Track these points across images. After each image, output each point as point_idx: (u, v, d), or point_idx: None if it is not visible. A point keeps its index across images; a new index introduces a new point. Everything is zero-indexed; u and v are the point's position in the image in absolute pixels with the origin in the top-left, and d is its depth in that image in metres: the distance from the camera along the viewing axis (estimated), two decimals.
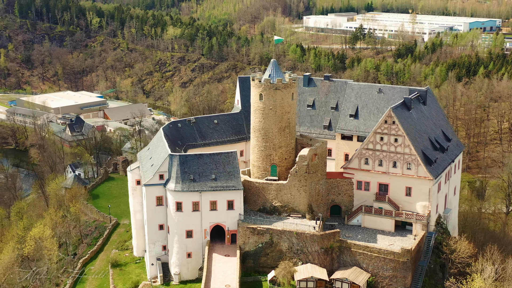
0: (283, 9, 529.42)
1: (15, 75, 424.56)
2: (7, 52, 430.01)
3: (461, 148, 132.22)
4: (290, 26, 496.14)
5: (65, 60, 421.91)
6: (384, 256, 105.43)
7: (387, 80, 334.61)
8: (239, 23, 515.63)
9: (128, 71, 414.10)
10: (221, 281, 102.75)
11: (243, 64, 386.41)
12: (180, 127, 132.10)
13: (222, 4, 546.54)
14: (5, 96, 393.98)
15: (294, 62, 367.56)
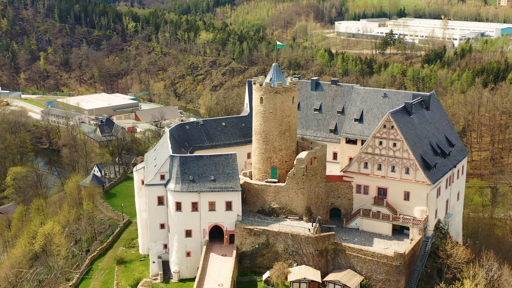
0: (316, 15, 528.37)
1: (54, 78, 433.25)
2: (46, 55, 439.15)
3: (465, 153, 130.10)
4: (322, 32, 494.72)
5: (101, 63, 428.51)
6: (378, 260, 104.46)
7: (413, 85, 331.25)
8: (272, 28, 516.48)
9: (161, 74, 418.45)
10: (214, 280, 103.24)
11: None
12: (188, 129, 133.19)
13: (256, 10, 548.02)
14: (43, 97, 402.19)
15: (322, 67, 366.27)
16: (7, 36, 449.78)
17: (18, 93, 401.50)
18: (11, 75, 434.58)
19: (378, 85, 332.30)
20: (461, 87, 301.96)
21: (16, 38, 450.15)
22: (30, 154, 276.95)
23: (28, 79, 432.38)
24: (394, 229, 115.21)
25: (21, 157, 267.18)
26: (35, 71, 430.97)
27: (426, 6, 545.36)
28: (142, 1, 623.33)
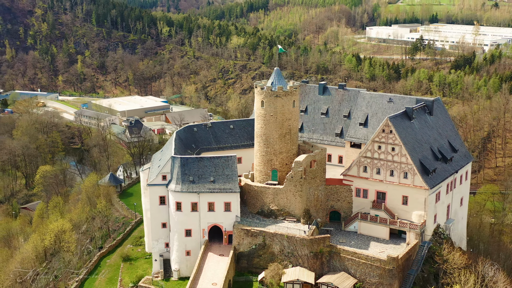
0: (347, 20, 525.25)
1: (90, 80, 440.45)
2: (84, 58, 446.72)
3: (469, 159, 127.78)
4: (353, 37, 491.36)
5: (136, 67, 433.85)
6: (371, 263, 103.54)
7: (439, 91, 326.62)
8: (304, 33, 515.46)
9: (193, 77, 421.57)
10: (209, 279, 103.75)
11: (300, 72, 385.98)
12: (196, 132, 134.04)
13: (289, 15, 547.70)
14: (79, 99, 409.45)
15: (349, 72, 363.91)
16: (47, 40, 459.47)
17: (56, 94, 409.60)
18: (50, 78, 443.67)
19: (404, 90, 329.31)
20: (487, 93, 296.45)
21: (55, 42, 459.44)
22: (61, 154, 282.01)
23: (66, 81, 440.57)
24: (393, 233, 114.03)
25: (52, 156, 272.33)
26: (72, 73, 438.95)
27: (458, 12, 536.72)
28: (178, 6, 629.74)
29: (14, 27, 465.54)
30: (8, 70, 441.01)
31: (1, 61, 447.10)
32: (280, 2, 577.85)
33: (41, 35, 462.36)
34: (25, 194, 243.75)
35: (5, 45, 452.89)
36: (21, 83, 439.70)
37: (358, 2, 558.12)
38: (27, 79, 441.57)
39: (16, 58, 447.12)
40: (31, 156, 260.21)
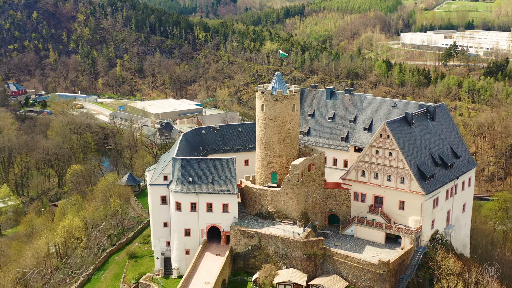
0: (382, 26, 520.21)
1: (129, 83, 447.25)
2: (123, 62, 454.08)
3: (472, 165, 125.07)
4: (387, 43, 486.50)
5: (172, 71, 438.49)
6: (362, 267, 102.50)
7: (468, 97, 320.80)
8: (338, 39, 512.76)
9: (227, 82, 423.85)
10: (202, 278, 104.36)
11: (331, 77, 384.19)
12: (204, 134, 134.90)
13: (324, 21, 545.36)
14: (117, 101, 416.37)
15: (378, 77, 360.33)
16: (88, 44, 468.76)
17: (94, 97, 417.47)
18: (91, 80, 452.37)
19: (433, 96, 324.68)
20: None
21: (96, 46, 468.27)
22: (94, 154, 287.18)
23: (105, 84, 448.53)
24: (390, 238, 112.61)
25: (84, 156, 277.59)
26: (111, 76, 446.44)
27: (495, 18, 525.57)
28: (216, 12, 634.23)
29: (57, 31, 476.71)
30: (51, 73, 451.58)
31: (45, 64, 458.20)
32: (316, 8, 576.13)
33: (83, 40, 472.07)
34: (56, 192, 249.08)
35: (49, 49, 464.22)
36: (63, 85, 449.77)
37: (394, 8, 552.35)
38: (69, 82, 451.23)
39: (59, 61, 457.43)
40: (64, 155, 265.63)
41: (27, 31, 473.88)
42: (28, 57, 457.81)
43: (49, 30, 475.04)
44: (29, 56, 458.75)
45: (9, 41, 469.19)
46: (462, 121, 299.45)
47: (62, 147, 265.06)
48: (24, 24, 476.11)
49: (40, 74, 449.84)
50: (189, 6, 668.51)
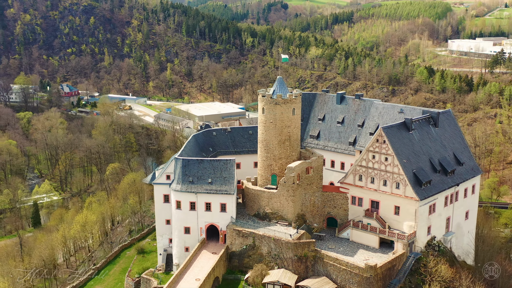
0: (430, 33, 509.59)
1: (178, 86, 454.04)
2: (173, 66, 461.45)
3: (476, 172, 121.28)
4: (434, 49, 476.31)
5: (219, 75, 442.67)
6: (350, 270, 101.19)
7: (509, 105, 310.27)
8: (386, 45, 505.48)
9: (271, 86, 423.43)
10: (194, 274, 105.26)
11: (372, 83, 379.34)
12: (215, 135, 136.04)
13: (372, 27, 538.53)
14: (165, 104, 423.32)
15: (419, 84, 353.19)
16: (141, 49, 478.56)
17: (144, 99, 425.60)
18: (142, 83, 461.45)
19: (474, 103, 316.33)
20: None
21: (148, 50, 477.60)
22: (135, 153, 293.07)
23: (156, 87, 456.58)
24: (386, 243, 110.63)
25: (125, 155, 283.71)
26: (162, 80, 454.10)
27: None
28: (267, 18, 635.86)
29: (112, 36, 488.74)
30: (106, 75, 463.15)
31: (100, 67, 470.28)
32: (364, 15, 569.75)
33: (136, 44, 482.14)
34: (96, 189, 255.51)
35: (104, 53, 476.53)
36: (116, 87, 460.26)
37: (443, 15, 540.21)
38: (122, 84, 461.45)
39: (113, 64, 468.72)
40: (106, 154, 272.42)
41: (85, 36, 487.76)
42: (84, 60, 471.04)
43: (105, 35, 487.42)
44: (86, 59, 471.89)
45: (67, 45, 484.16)
46: (501, 129, 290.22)
47: (104, 146, 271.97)
48: (82, 29, 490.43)
49: (95, 77, 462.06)
50: (241, 12, 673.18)
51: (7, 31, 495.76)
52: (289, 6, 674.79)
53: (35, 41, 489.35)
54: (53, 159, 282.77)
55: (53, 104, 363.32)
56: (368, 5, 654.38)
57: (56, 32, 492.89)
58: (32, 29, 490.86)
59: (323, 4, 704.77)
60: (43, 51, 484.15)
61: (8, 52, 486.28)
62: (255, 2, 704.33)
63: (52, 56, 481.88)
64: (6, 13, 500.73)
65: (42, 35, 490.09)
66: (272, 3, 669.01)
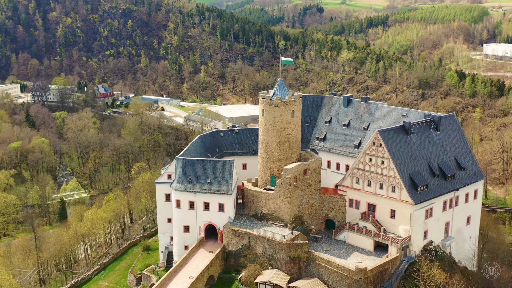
0: (465, 37, 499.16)
1: (211, 88, 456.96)
2: (207, 68, 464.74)
3: (479, 177, 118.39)
4: (468, 53, 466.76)
5: (252, 77, 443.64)
6: (341, 272, 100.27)
7: None
8: (420, 49, 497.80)
9: (303, 89, 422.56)
10: (189, 272, 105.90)
11: (402, 87, 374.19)
12: (222, 136, 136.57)
13: (407, 31, 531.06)
14: (198, 105, 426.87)
15: (449, 88, 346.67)
16: (176, 51, 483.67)
17: (177, 100, 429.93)
18: (177, 85, 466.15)
19: (504, 108, 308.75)
20: None
21: (183, 53, 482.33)
22: (163, 153, 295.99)
23: (190, 89, 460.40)
24: (382, 246, 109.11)
25: (153, 155, 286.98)
26: (196, 82, 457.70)
27: None
28: (303, 22, 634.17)
29: (149, 39, 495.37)
30: (142, 77, 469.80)
31: (137, 69, 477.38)
32: (399, 19, 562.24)
33: (171, 47, 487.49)
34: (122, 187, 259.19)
35: (140, 55, 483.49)
36: (152, 89, 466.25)
37: (479, 19, 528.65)
38: (157, 86, 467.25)
39: (149, 66, 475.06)
40: (134, 153, 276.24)
41: (123, 38, 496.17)
42: (122, 62, 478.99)
43: (142, 37, 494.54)
44: (123, 61, 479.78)
45: (106, 47, 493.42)
46: None
47: (132, 146, 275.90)
48: (120, 32, 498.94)
49: (132, 78, 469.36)
50: (276, 15, 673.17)
51: (49, 33, 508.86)
52: (325, 9, 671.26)
53: (75, 43, 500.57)
54: (83, 158, 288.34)
55: (88, 104, 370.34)
56: (404, 8, 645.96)
57: (96, 35, 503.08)
58: (72, 32, 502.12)
59: (359, 8, 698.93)
60: (83, 53, 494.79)
61: (49, 54, 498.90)
62: (291, 5, 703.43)
63: (91, 58, 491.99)
64: (48, 16, 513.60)
65: (82, 37, 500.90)
66: (308, 6, 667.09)
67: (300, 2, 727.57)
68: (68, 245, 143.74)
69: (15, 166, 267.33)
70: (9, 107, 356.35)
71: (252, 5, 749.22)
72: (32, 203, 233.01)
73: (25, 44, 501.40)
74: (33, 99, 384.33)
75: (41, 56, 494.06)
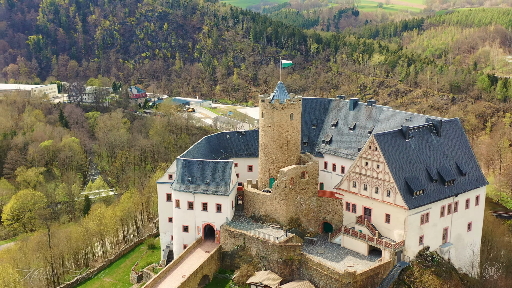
0: (502, 40, 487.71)
1: (243, 90, 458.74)
2: (239, 70, 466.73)
3: (481, 183, 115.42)
4: (504, 57, 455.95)
5: (283, 80, 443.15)
6: (331, 275, 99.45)
7: None
8: (455, 52, 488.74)
9: (333, 92, 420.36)
10: (183, 271, 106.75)
11: (433, 90, 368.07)
12: (229, 138, 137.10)
13: (442, 35, 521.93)
14: (229, 107, 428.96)
15: (480, 92, 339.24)
16: (210, 54, 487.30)
17: (209, 102, 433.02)
18: (210, 87, 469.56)
19: None
20: None
21: (217, 55, 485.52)
22: None
23: (222, 91, 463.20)
24: (377, 250, 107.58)
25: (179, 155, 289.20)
26: (228, 84, 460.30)
27: None
28: (337, 25, 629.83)
29: (184, 41, 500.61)
30: (176, 79, 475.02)
31: (171, 71, 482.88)
32: (435, 22, 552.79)
33: (205, 49, 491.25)
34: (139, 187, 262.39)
35: (175, 57, 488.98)
36: (186, 90, 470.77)
37: None
38: (191, 87, 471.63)
39: (184, 68, 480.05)
40: (160, 153, 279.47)
41: (158, 41, 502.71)
42: (157, 64, 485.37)
43: (177, 40, 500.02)
44: (158, 63, 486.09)
45: (142, 50, 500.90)
46: None
47: (159, 146, 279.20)
48: (156, 34, 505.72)
49: (166, 80, 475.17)
50: (312, 19, 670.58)
51: (88, 36, 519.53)
52: (360, 13, 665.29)
53: (113, 46, 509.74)
54: (112, 157, 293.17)
55: (121, 105, 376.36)
56: (441, 12, 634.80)
57: (132, 37, 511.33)
58: (110, 34, 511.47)
59: (395, 11, 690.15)
60: (120, 55, 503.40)
61: (88, 55, 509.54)
62: (327, 9, 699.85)
63: (128, 60, 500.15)
64: (88, 19, 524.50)
65: (120, 40, 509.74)
66: (343, 10, 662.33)
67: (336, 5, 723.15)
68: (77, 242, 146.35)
69: (46, 164, 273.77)
70: (45, 107, 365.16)
71: (289, 8, 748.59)
72: (58, 200, 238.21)
73: (65, 46, 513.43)
74: (69, 99, 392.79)
75: (80, 58, 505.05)
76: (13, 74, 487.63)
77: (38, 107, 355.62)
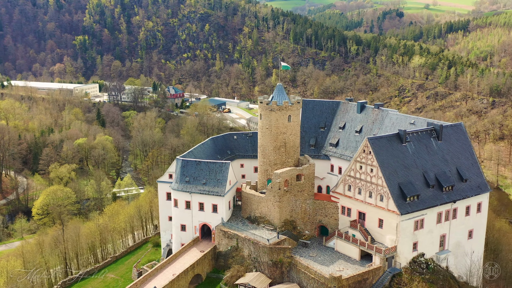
0: None
1: None
2: (278, 71, 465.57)
3: (483, 190, 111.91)
4: None
5: (322, 81, 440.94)
6: (318, 279, 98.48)
7: None
8: (501, 55, 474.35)
9: (371, 94, 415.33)
10: (174, 270, 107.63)
11: (473, 93, 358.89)
12: (235, 139, 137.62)
13: (488, 37, 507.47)
14: None
15: None
16: (250, 55, 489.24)
17: (246, 103, 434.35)
18: (248, 88, 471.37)
19: None
20: None
21: (256, 56, 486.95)
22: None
23: (261, 91, 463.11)
24: (369, 255, 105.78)
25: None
26: (267, 85, 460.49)
27: None
28: (381, 26, 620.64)
29: (224, 42, 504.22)
30: (216, 79, 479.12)
31: (211, 72, 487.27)
32: (481, 24, 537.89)
33: (245, 50, 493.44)
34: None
35: (216, 58, 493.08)
36: (225, 91, 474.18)
37: None
38: (230, 88, 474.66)
39: (223, 69, 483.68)
40: None
41: (199, 42, 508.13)
42: (198, 65, 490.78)
43: (218, 41, 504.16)
44: (199, 64, 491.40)
45: (184, 50, 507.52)
46: None
47: (189, 146, 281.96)
48: (197, 35, 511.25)
49: (206, 80, 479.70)
50: (355, 20, 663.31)
51: (132, 36, 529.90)
52: (405, 14, 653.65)
53: (156, 46, 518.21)
54: (145, 155, 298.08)
55: (158, 104, 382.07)
56: (490, 13, 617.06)
57: (175, 38, 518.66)
58: (153, 35, 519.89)
59: (442, 13, 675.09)
60: (162, 55, 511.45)
61: (131, 56, 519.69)
62: (371, 10, 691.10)
63: (170, 60, 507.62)
64: (132, 20, 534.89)
65: (162, 40, 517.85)
66: (388, 11, 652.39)
67: (381, 6, 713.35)
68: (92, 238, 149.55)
69: (81, 160, 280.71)
70: (85, 105, 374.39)
71: (333, 9, 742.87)
72: (87, 197, 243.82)
73: (109, 46, 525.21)
74: (109, 98, 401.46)
75: (123, 58, 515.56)
76: (60, 74, 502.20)
77: (78, 106, 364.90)
